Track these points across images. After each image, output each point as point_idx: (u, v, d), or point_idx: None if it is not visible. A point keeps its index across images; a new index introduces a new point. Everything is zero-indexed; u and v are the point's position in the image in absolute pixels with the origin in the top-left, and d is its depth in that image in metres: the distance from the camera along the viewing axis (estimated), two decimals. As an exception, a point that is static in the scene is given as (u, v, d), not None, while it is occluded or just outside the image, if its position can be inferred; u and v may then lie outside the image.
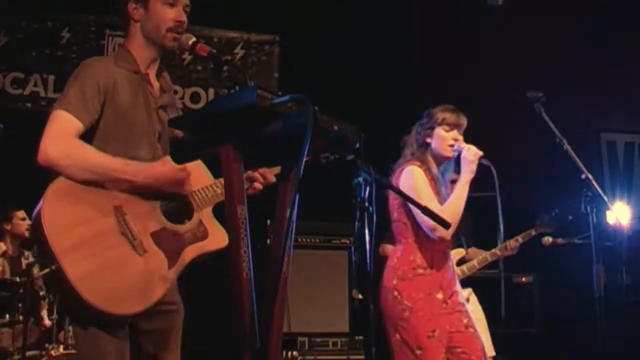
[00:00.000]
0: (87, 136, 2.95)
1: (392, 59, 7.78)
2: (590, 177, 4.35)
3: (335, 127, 2.62)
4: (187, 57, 7.76)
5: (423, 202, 4.02)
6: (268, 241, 6.04)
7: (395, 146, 4.50)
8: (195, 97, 8.02)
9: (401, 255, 4.23)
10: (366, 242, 2.69)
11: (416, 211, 4.11)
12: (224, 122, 2.60)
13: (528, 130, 5.68)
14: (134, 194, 2.94)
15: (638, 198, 8.55)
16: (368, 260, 2.72)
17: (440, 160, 4.31)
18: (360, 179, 2.71)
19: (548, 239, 6.31)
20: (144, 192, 2.97)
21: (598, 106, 8.36)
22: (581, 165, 4.35)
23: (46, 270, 2.74)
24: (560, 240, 6.31)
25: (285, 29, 8.07)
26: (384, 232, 6.05)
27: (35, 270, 6.11)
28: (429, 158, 4.30)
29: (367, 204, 2.74)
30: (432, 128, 4.30)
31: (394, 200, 4.30)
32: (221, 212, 2.94)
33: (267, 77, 8.12)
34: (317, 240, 6.71)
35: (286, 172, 2.74)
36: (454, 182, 4.33)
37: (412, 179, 4.19)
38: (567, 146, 4.39)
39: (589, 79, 8.24)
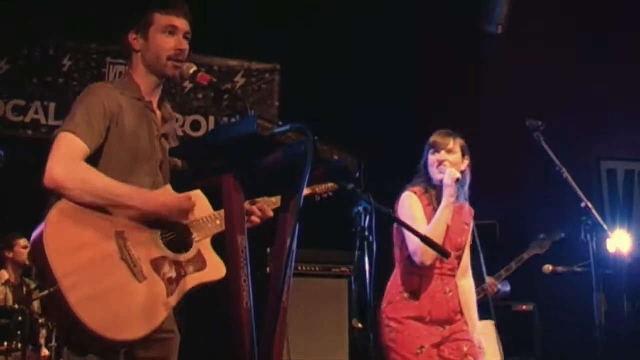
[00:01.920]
0: (91, 160, 2.96)
1: (392, 87, 7.80)
2: (590, 205, 4.36)
3: (336, 157, 2.63)
4: (187, 85, 7.79)
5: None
6: (268, 269, 6.04)
7: (395, 176, 4.52)
8: (195, 125, 8.04)
9: (393, 279, 4.32)
10: (366, 271, 2.69)
11: (406, 236, 4.18)
12: (224, 152, 2.61)
13: (528, 158, 5.68)
14: (136, 222, 2.95)
15: (638, 226, 8.53)
16: (368, 289, 2.72)
17: (438, 184, 4.33)
18: (361, 209, 2.72)
19: (548, 267, 6.31)
20: (146, 220, 2.97)
21: (598, 134, 8.37)
22: (581, 193, 4.36)
23: (45, 293, 2.74)
24: (560, 269, 6.30)
25: (286, 58, 8.10)
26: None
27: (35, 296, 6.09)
28: (431, 185, 4.35)
29: (367, 233, 2.75)
30: (427, 154, 4.39)
31: (394, 226, 4.35)
32: (220, 241, 2.94)
33: (267, 105, 8.15)
34: (317, 269, 6.68)
35: (286, 202, 2.75)
36: None
37: (403, 205, 4.30)
38: (566, 175, 4.40)
39: (589, 107, 8.26)
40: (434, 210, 4.25)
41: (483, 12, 7.92)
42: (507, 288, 6.57)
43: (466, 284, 4.48)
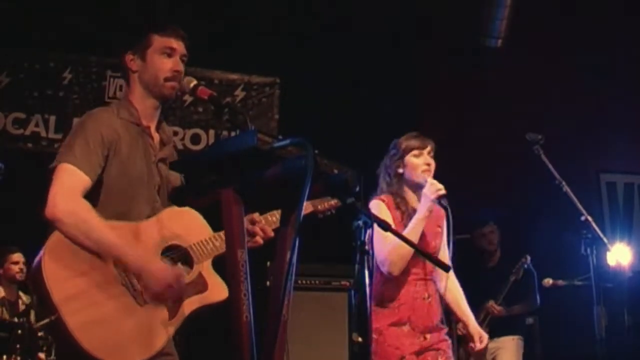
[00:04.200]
0: (91, 189, 2.95)
1: (392, 101, 7.81)
2: (589, 219, 4.36)
3: (335, 171, 2.63)
4: (187, 98, 7.78)
5: (380, 236, 3.69)
6: (267, 282, 6.02)
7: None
8: (195, 139, 8.03)
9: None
10: (366, 285, 2.68)
11: (377, 243, 4.09)
12: (224, 166, 2.61)
13: (527, 172, 5.69)
14: (136, 247, 2.94)
15: (638, 239, 8.52)
16: (368, 303, 2.72)
17: (416, 188, 4.22)
18: (360, 222, 2.71)
19: (548, 281, 6.33)
20: (146, 244, 2.98)
21: (597, 147, 8.38)
22: (580, 207, 4.37)
23: (46, 321, 2.74)
24: (560, 282, 6.31)
25: (286, 71, 8.12)
26: None
27: (32, 314, 6.07)
28: (405, 188, 4.26)
29: (366, 247, 2.74)
30: (402, 157, 4.26)
31: None
32: (220, 258, 2.94)
33: (267, 118, 8.15)
34: (317, 282, 6.63)
35: (286, 216, 2.75)
36: None
37: (374, 213, 4.18)
38: (566, 188, 4.41)
39: (588, 120, 8.28)
40: (403, 220, 4.15)
41: (483, 25, 7.94)
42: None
43: (450, 283, 4.35)
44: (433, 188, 4.08)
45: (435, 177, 4.25)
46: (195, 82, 3.12)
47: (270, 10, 7.75)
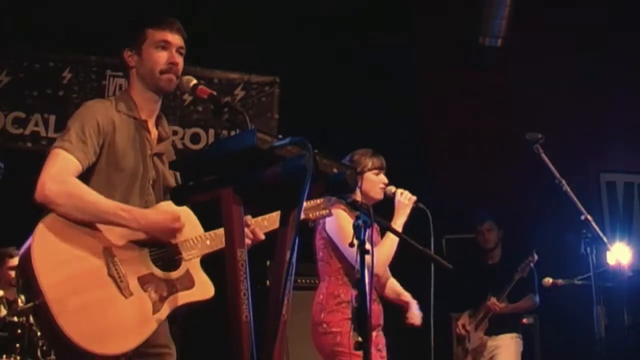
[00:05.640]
0: (83, 178, 2.97)
1: (392, 100, 7.81)
2: (589, 218, 4.36)
3: (335, 170, 2.63)
4: (187, 97, 7.80)
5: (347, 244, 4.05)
6: (267, 282, 6.02)
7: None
8: (195, 138, 8.03)
9: (326, 292, 4.40)
10: (365, 284, 2.68)
11: (344, 250, 4.23)
12: (224, 165, 2.61)
13: (527, 171, 5.69)
14: (125, 239, 2.97)
15: (638, 238, 8.52)
16: (368, 303, 2.72)
17: (368, 201, 4.39)
18: (360, 222, 2.72)
19: (548, 280, 6.32)
20: (135, 237, 2.99)
21: (597, 146, 8.38)
22: (580, 206, 4.37)
23: (31, 304, 2.75)
24: (560, 281, 6.30)
25: (285, 71, 8.11)
26: None
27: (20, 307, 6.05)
28: (354, 204, 4.39)
29: (366, 247, 2.74)
30: (362, 173, 4.43)
31: (318, 241, 4.45)
32: (219, 257, 2.94)
33: (267, 118, 8.15)
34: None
35: (286, 215, 2.75)
36: None
37: (336, 221, 4.30)
38: (566, 187, 4.41)
39: (588, 120, 8.28)
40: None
41: (484, 25, 7.94)
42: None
43: (390, 282, 4.69)
44: (406, 196, 4.36)
45: (436, 175, 4.28)
46: (195, 81, 3.14)
47: (270, 9, 7.75)
